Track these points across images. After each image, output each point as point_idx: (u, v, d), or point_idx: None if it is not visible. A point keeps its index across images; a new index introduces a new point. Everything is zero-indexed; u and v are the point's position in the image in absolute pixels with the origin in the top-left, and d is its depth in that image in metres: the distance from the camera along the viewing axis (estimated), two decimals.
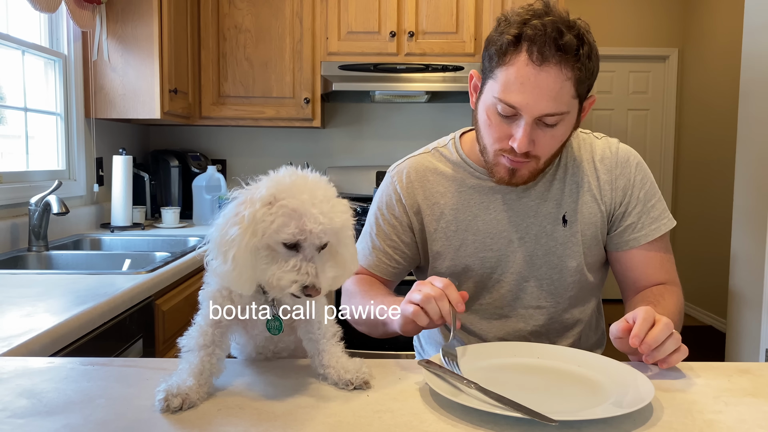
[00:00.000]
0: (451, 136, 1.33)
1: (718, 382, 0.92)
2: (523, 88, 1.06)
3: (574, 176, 1.23)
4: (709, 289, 4.91)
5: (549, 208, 1.23)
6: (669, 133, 5.54)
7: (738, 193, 3.30)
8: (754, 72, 3.16)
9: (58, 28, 2.56)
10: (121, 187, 2.66)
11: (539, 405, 0.77)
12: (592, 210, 1.23)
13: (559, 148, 1.17)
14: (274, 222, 0.80)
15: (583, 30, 1.08)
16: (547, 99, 1.06)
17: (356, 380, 0.87)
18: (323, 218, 0.80)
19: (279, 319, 0.89)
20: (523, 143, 1.09)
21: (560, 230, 1.22)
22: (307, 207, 0.80)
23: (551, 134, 1.11)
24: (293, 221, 0.80)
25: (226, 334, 0.89)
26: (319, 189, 0.83)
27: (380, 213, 1.31)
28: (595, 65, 1.10)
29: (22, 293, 1.47)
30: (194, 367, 0.83)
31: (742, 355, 3.24)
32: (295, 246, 0.82)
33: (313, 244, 0.82)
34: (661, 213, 1.24)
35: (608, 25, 5.33)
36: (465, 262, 1.26)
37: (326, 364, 0.89)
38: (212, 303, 0.88)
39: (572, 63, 1.05)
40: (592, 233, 1.23)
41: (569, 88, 1.07)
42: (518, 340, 1.26)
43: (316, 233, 0.80)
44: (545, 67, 1.04)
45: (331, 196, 0.84)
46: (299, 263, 0.81)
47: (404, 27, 3.10)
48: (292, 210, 0.80)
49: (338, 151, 3.57)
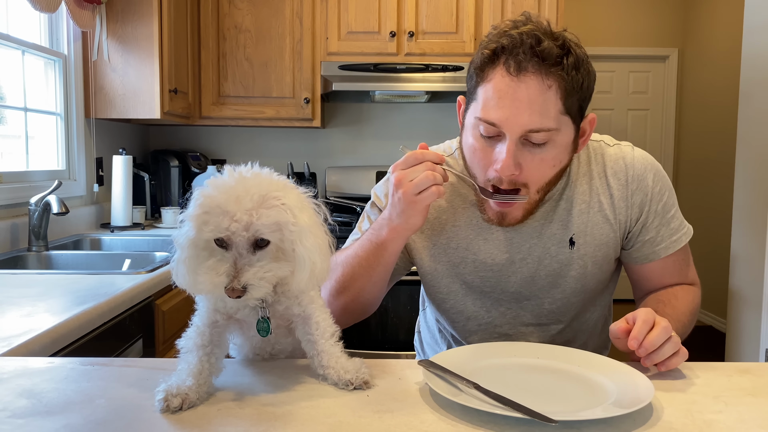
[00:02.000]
0: (456, 144, 1.23)
1: (718, 382, 0.92)
2: (501, 102, 0.98)
3: (584, 194, 1.14)
4: (709, 289, 4.87)
5: (554, 229, 1.14)
6: (669, 133, 5.54)
7: (738, 193, 3.30)
8: (754, 72, 3.16)
9: (58, 28, 2.56)
10: (121, 187, 2.66)
11: (539, 405, 0.77)
12: (603, 231, 1.14)
13: (555, 176, 1.06)
14: (197, 220, 0.79)
15: (570, 41, 1.00)
16: (529, 112, 0.97)
17: (356, 380, 0.86)
18: (244, 214, 0.78)
19: (267, 321, 0.88)
20: (506, 165, 0.99)
21: (566, 252, 1.14)
22: (229, 203, 0.78)
23: (540, 157, 1.01)
24: (212, 218, 0.78)
25: (223, 334, 0.89)
26: (252, 185, 0.80)
27: (378, 212, 1.23)
28: (585, 78, 1.00)
29: (22, 293, 1.47)
30: (193, 367, 0.83)
31: (742, 355, 3.24)
32: (226, 245, 0.80)
33: (242, 242, 0.80)
34: (681, 223, 1.17)
35: (608, 25, 5.33)
36: (463, 279, 1.20)
37: (326, 365, 0.89)
38: (207, 304, 0.88)
39: (554, 71, 0.97)
40: (603, 254, 1.16)
41: (554, 100, 0.98)
42: None
43: (235, 231, 0.78)
44: (523, 77, 0.97)
45: (267, 191, 0.80)
46: (216, 263, 0.79)
47: (404, 27, 3.10)
48: (214, 207, 0.79)
49: (338, 151, 3.56)
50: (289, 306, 0.90)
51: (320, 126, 3.24)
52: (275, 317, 0.91)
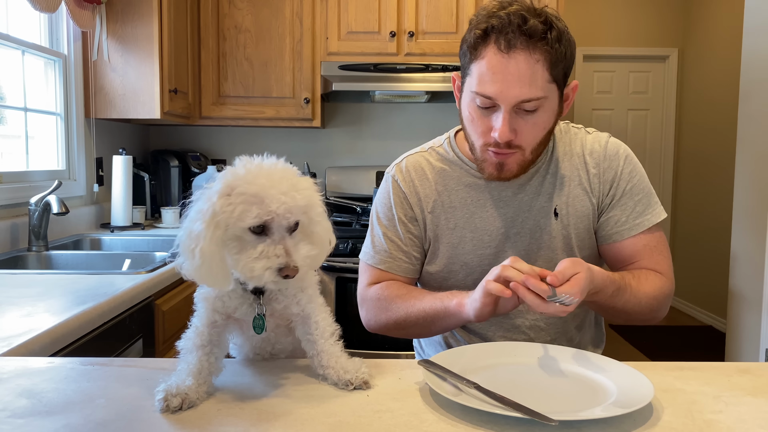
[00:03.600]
0: (445, 135, 1.34)
1: (718, 382, 0.92)
2: (495, 78, 1.09)
3: (565, 170, 1.24)
4: (709, 289, 4.91)
5: (542, 202, 1.24)
6: (669, 133, 5.54)
7: (738, 192, 3.30)
8: (754, 72, 3.16)
9: (58, 28, 2.56)
10: (121, 187, 2.66)
11: (539, 405, 0.77)
12: (583, 203, 1.23)
13: (545, 137, 1.17)
14: (234, 211, 0.80)
15: (551, 16, 1.10)
16: (520, 84, 1.08)
17: (356, 380, 0.86)
18: (285, 197, 0.80)
19: (262, 318, 0.88)
20: (503, 132, 1.10)
21: (553, 224, 1.23)
22: (267, 189, 0.80)
23: (532, 122, 1.12)
24: (254, 206, 0.80)
25: (223, 334, 0.89)
26: (276, 172, 0.83)
27: (389, 213, 1.30)
28: (567, 49, 1.11)
29: (22, 293, 1.47)
30: (192, 366, 0.83)
31: (742, 355, 3.24)
32: (264, 230, 0.81)
33: (281, 226, 0.81)
34: (649, 207, 1.23)
35: (608, 25, 5.33)
36: (463, 260, 1.26)
37: (325, 365, 0.89)
38: (206, 304, 0.88)
39: (540, 46, 1.07)
40: (585, 226, 1.24)
41: (542, 72, 1.08)
42: (518, 335, 1.26)
43: (281, 214, 0.80)
44: (513, 53, 1.07)
45: (290, 177, 0.83)
46: (266, 248, 0.81)
47: (404, 27, 3.10)
48: (251, 196, 0.80)
49: (338, 151, 3.57)
50: (287, 305, 0.90)
51: (320, 126, 3.24)
52: (274, 317, 0.91)
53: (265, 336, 0.93)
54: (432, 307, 1.16)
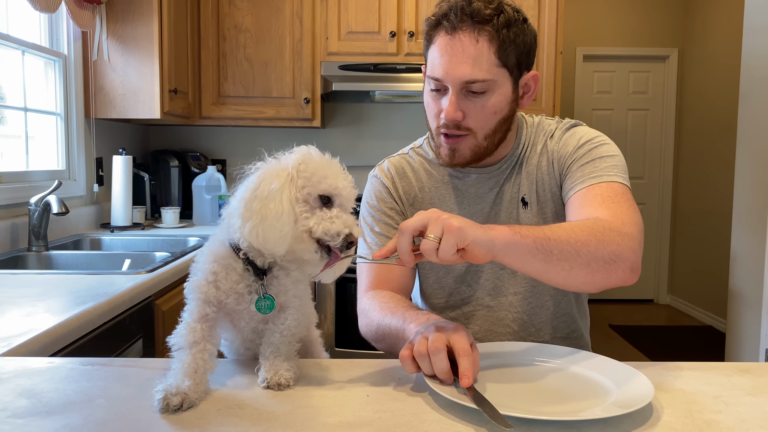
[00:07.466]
0: (425, 136, 1.36)
1: (718, 382, 0.92)
2: (442, 60, 1.13)
3: (531, 158, 1.27)
4: (709, 289, 4.91)
5: (512, 192, 1.26)
6: (669, 133, 5.55)
7: (738, 192, 3.31)
8: (754, 72, 3.16)
9: (58, 28, 2.56)
10: (121, 187, 2.66)
11: (539, 405, 0.77)
12: (550, 185, 1.24)
13: (498, 123, 1.17)
14: (314, 175, 0.86)
15: (506, 4, 1.13)
16: (465, 64, 1.11)
17: (271, 381, 0.87)
18: (349, 183, 0.88)
19: (270, 297, 0.89)
20: (449, 111, 1.13)
21: (524, 213, 1.25)
22: (337, 171, 0.88)
23: (480, 104, 1.14)
24: (326, 179, 0.86)
25: (214, 328, 0.89)
26: (337, 163, 0.91)
27: (374, 208, 1.33)
28: (517, 35, 1.13)
29: (22, 293, 1.47)
30: (188, 366, 0.83)
31: (742, 355, 3.24)
32: (329, 203, 0.86)
33: (342, 205, 0.87)
34: (605, 171, 1.14)
35: (608, 25, 5.33)
36: None
37: (265, 356, 0.90)
38: (197, 295, 0.88)
39: (486, 28, 1.11)
40: (553, 209, 1.24)
41: (488, 54, 1.11)
42: (503, 330, 1.26)
43: (345, 195, 0.87)
44: (457, 34, 1.12)
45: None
46: (340, 213, 0.86)
47: (404, 27, 3.10)
48: (326, 169, 0.87)
49: (338, 151, 3.49)
50: (277, 293, 0.90)
51: (320, 126, 3.24)
52: None
53: (254, 327, 0.93)
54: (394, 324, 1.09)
